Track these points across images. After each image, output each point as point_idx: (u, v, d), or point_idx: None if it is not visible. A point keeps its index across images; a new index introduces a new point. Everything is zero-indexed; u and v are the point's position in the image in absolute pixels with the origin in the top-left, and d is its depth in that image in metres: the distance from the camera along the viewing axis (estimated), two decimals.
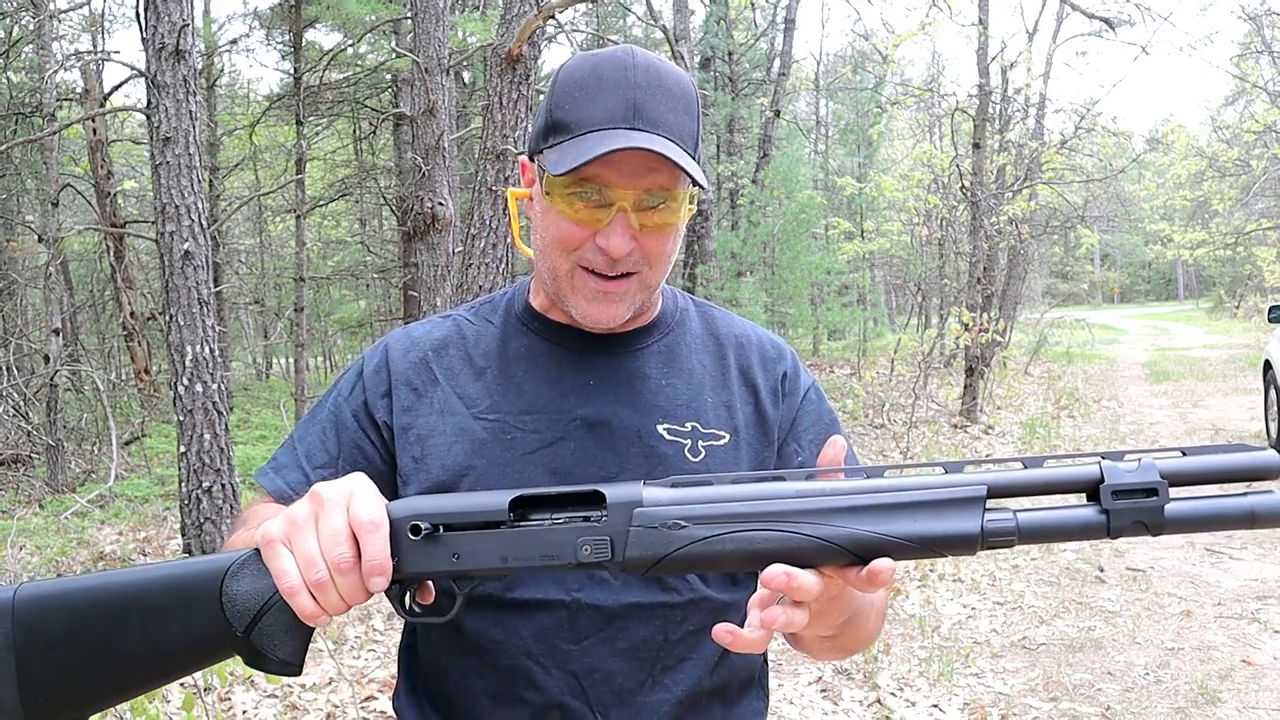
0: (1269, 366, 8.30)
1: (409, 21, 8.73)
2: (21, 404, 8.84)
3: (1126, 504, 0.77)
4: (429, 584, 0.89)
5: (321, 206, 15.26)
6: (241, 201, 12.76)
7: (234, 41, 13.65)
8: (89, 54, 12.10)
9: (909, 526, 0.78)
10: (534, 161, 1.06)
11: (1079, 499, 0.80)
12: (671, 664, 1.05)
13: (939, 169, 12.69)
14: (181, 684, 3.42)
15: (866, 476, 0.82)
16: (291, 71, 12.20)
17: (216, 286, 7.10)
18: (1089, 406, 12.01)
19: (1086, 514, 0.78)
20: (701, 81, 16.41)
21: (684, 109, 1.00)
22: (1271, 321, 8.34)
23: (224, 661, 0.88)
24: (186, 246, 5.08)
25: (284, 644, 0.84)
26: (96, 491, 7.08)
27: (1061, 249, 26.25)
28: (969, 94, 12.54)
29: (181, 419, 5.17)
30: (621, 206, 0.98)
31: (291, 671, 0.85)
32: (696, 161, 1.00)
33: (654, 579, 1.02)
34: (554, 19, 5.34)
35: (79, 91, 11.45)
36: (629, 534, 0.80)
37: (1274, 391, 8.09)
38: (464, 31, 9.89)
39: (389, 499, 1.08)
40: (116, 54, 18.35)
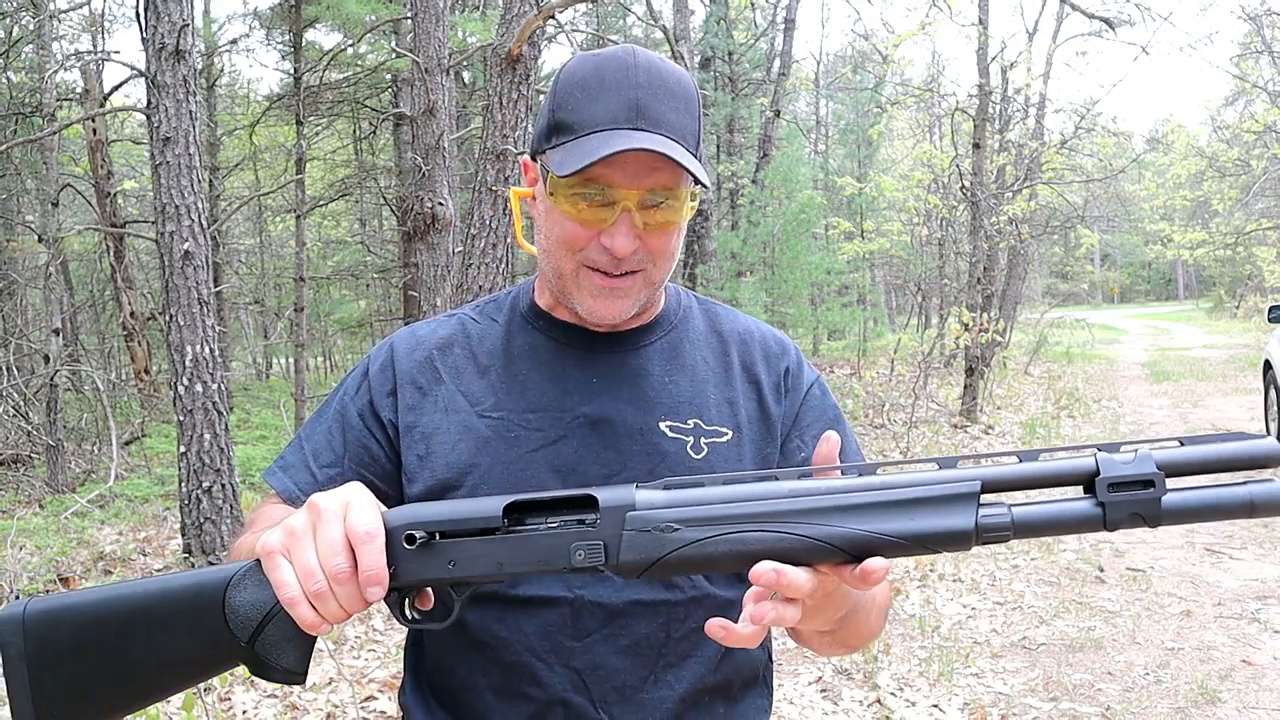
0: (1269, 366, 8.30)
1: (409, 21, 8.73)
2: (21, 404, 8.84)
3: (1122, 496, 0.76)
4: (428, 590, 0.89)
5: (321, 206, 15.26)
6: (241, 201, 12.75)
7: (234, 41, 13.65)
8: (89, 54, 12.10)
9: (902, 524, 0.78)
10: (536, 161, 1.06)
11: (1076, 491, 0.80)
12: (674, 661, 1.05)
13: (939, 169, 12.69)
14: None
15: (860, 474, 0.82)
16: (291, 71, 12.20)
17: (216, 286, 7.10)
18: (1089, 406, 12.01)
19: (1082, 507, 0.78)
20: (701, 81, 16.40)
21: (685, 108, 1.01)
22: (1271, 321, 8.34)
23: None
24: (186, 246, 5.08)
25: (287, 653, 0.85)
26: (96, 491, 7.07)
27: (1061, 249, 26.26)
28: (969, 94, 12.54)
29: (181, 419, 5.18)
30: (625, 206, 0.99)
31: (296, 680, 0.87)
32: (698, 160, 1.01)
33: None
34: (554, 19, 5.34)
35: (79, 91, 11.45)
36: (622, 538, 0.80)
37: (1274, 391, 8.09)
38: (464, 31, 9.90)
39: (395, 497, 1.09)
40: (116, 54, 18.36)
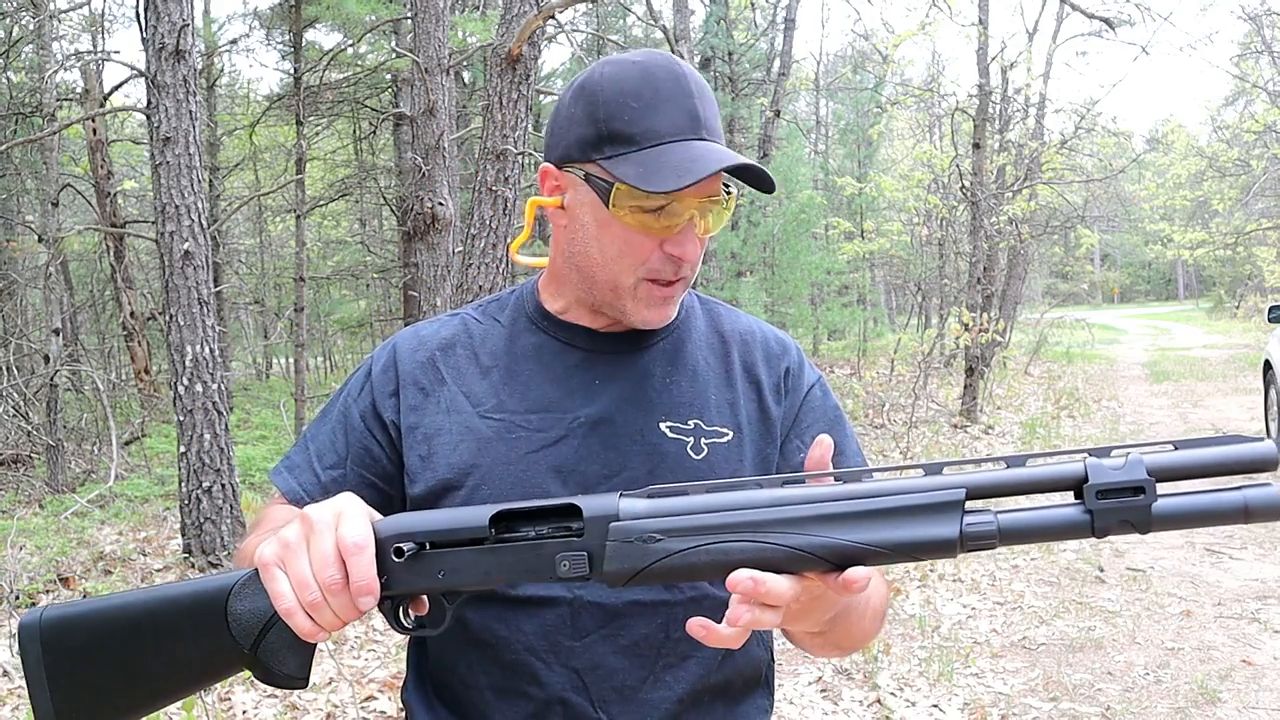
0: (1269, 366, 8.30)
1: (409, 21, 8.73)
2: (21, 404, 8.84)
3: (1111, 504, 0.74)
4: (423, 597, 0.90)
5: (321, 206, 15.26)
6: (241, 201, 12.75)
7: (234, 41, 13.63)
8: (89, 54, 12.09)
9: (885, 533, 0.77)
10: (569, 170, 1.04)
11: (1066, 497, 0.78)
12: (673, 661, 1.05)
13: (939, 169, 12.68)
14: None
15: (845, 481, 0.81)
16: (291, 71, 12.19)
17: (216, 286, 7.10)
18: (1089, 406, 12.01)
19: (1070, 513, 0.75)
20: None
21: (717, 110, 1.05)
22: (1271, 321, 8.34)
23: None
24: (186, 246, 5.08)
25: (288, 659, 0.86)
26: (96, 491, 7.07)
27: (1061, 249, 26.22)
28: (969, 94, 12.54)
29: (181, 419, 5.18)
30: (692, 215, 1.01)
31: (298, 685, 0.88)
32: None
33: None
34: (554, 19, 5.34)
35: (79, 91, 11.44)
36: (606, 548, 0.80)
37: (1274, 391, 8.09)
38: (464, 31, 9.89)
39: (397, 497, 1.10)
40: (116, 54, 18.36)
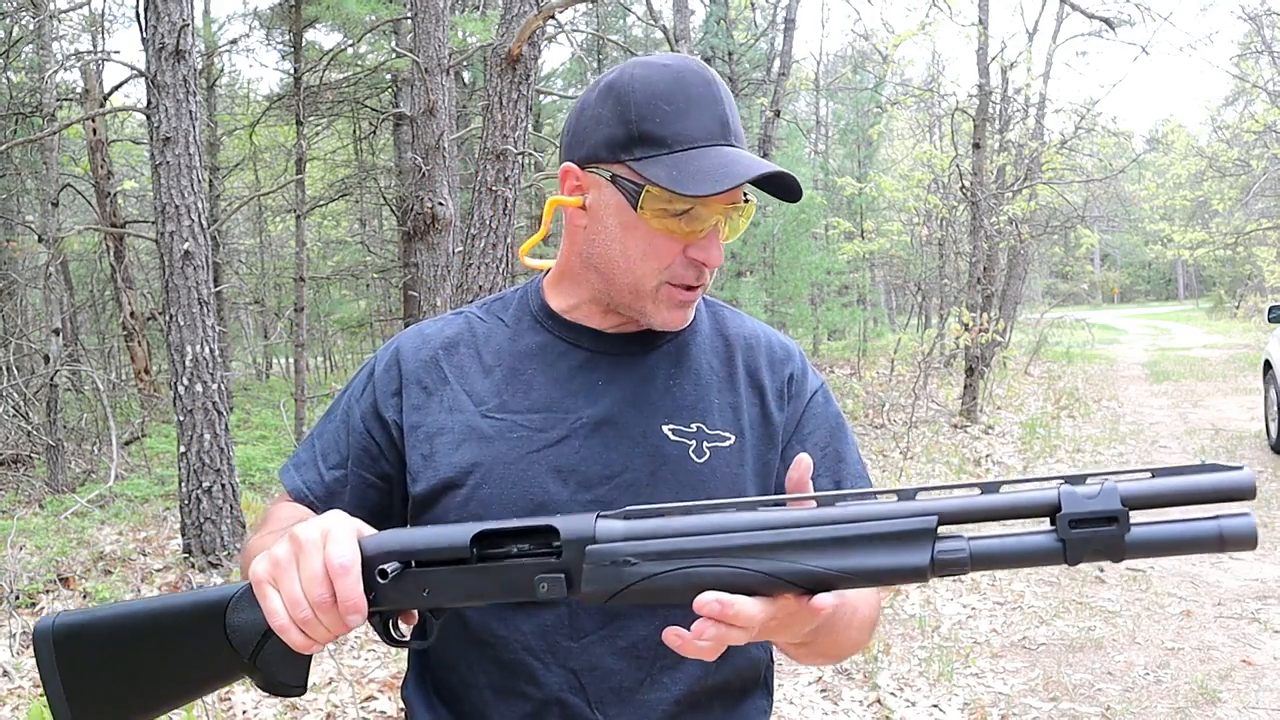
0: (1269, 366, 8.30)
1: (409, 21, 8.73)
2: (21, 404, 8.84)
3: (1085, 533, 0.74)
4: (412, 610, 0.91)
5: (321, 206, 15.26)
6: (241, 201, 12.75)
7: (234, 41, 13.63)
8: (89, 54, 12.09)
9: (856, 560, 0.78)
10: (597, 171, 1.03)
11: (1041, 522, 0.77)
12: (671, 663, 1.05)
13: (939, 169, 12.68)
14: None
15: (820, 504, 0.82)
16: (291, 71, 12.19)
17: (216, 286, 7.10)
18: (1089, 406, 12.01)
19: (1042, 541, 0.75)
20: None
21: (738, 115, 1.06)
22: (1271, 321, 8.35)
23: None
24: (186, 246, 5.08)
25: (285, 669, 0.89)
26: (96, 491, 7.07)
27: (1061, 249, 26.21)
28: (969, 94, 12.54)
29: (181, 419, 5.18)
30: (717, 220, 1.01)
31: (296, 693, 0.91)
32: None
33: None
34: (554, 19, 5.34)
35: (79, 91, 11.44)
36: (583, 571, 0.82)
37: (1274, 391, 8.09)
38: (464, 31, 9.90)
39: (398, 498, 1.11)
40: (116, 54, 18.35)
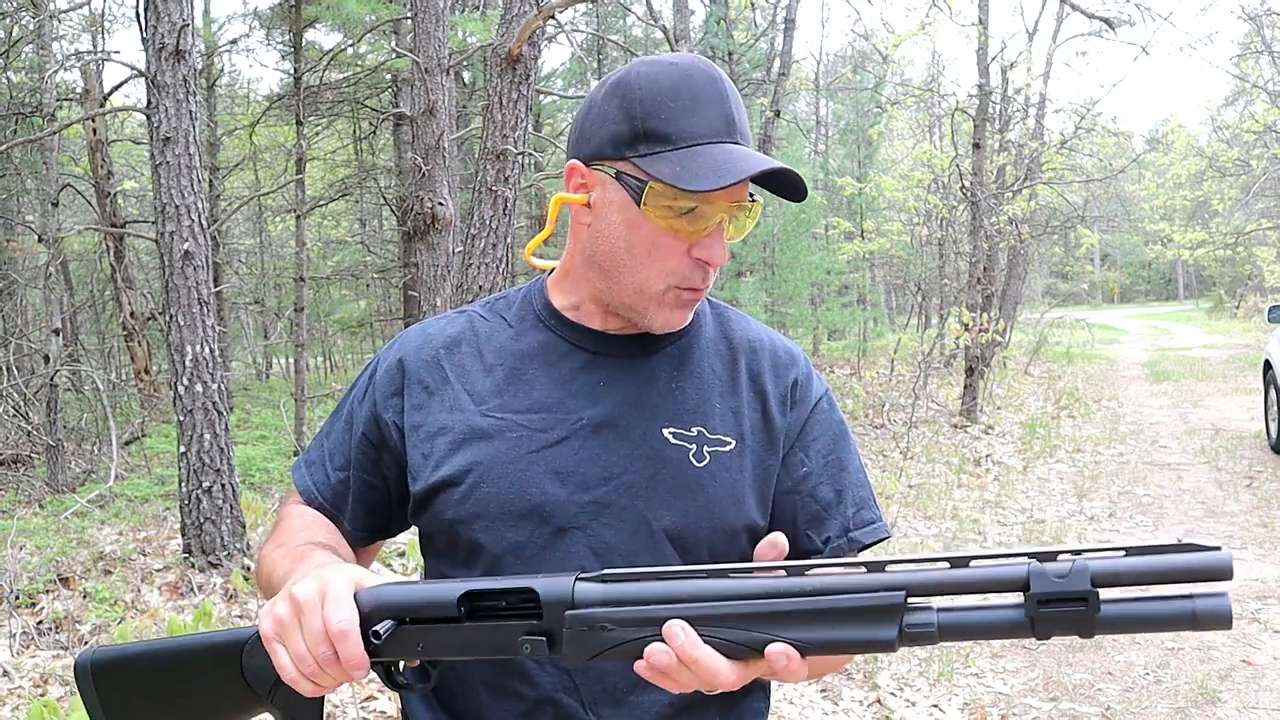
0: (1269, 366, 8.30)
1: (409, 21, 8.73)
2: (21, 404, 8.84)
3: (1053, 611, 0.74)
4: None
5: (321, 206, 15.26)
6: (241, 201, 12.75)
7: (234, 41, 13.63)
8: (89, 54, 12.09)
9: (825, 634, 0.80)
10: (602, 168, 1.03)
11: (1013, 594, 0.77)
12: None
13: (939, 169, 12.69)
14: None
15: (791, 574, 0.83)
16: (291, 71, 12.19)
17: (216, 286, 7.10)
18: (1089, 406, 12.01)
19: (1011, 615, 0.76)
20: None
21: (746, 117, 1.04)
22: (1271, 321, 8.35)
23: None
24: (186, 246, 5.08)
25: (301, 710, 0.94)
26: (96, 491, 7.07)
27: (1061, 249, 26.24)
28: (969, 94, 12.54)
29: (181, 419, 5.18)
30: (722, 220, 1.00)
31: None
32: None
33: None
34: (554, 19, 5.34)
35: (79, 91, 11.44)
36: (563, 634, 0.85)
37: (1274, 391, 8.10)
38: (464, 31, 9.90)
39: (397, 499, 1.13)
40: (116, 54, 18.35)
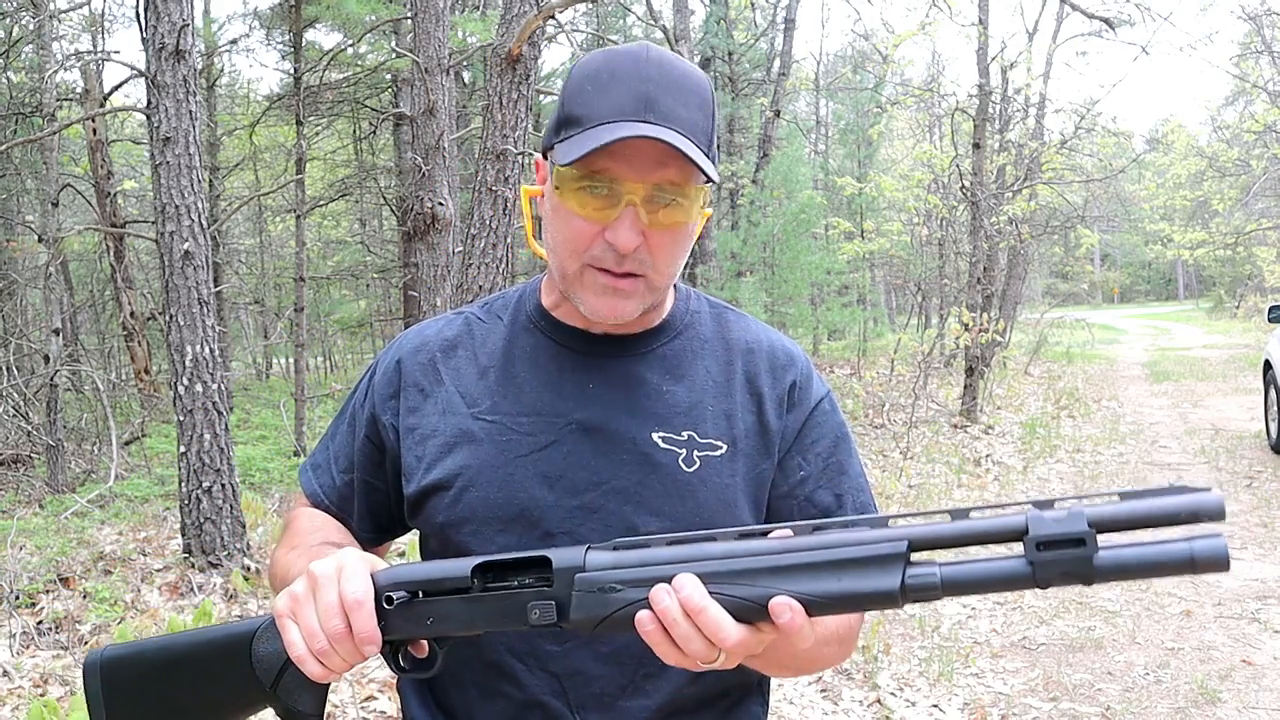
0: (1269, 366, 8.30)
1: (409, 21, 8.73)
2: (21, 404, 8.84)
3: (1052, 555, 0.75)
4: (423, 641, 0.95)
5: (321, 206, 15.26)
6: (241, 201, 12.75)
7: (234, 41, 13.63)
8: (89, 54, 12.09)
9: (829, 585, 0.80)
10: (546, 158, 1.04)
11: (1015, 547, 0.78)
12: (654, 670, 1.04)
13: (939, 169, 12.69)
14: None
15: (797, 534, 0.84)
16: (291, 71, 12.18)
17: (216, 286, 7.10)
18: (1089, 406, 12.01)
19: (1012, 565, 0.77)
20: None
21: (698, 105, 0.98)
22: (1271, 321, 8.35)
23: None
24: (186, 246, 5.08)
25: (303, 698, 0.95)
26: (96, 491, 7.07)
27: (1061, 249, 26.23)
28: (969, 94, 12.54)
29: (181, 419, 5.18)
30: (630, 201, 0.96)
31: None
32: (710, 159, 0.98)
33: None
34: (554, 19, 5.35)
35: (79, 91, 11.44)
36: (572, 598, 0.86)
37: (1274, 391, 8.09)
38: (464, 31, 9.90)
39: (396, 500, 1.13)
40: (116, 54, 18.35)
